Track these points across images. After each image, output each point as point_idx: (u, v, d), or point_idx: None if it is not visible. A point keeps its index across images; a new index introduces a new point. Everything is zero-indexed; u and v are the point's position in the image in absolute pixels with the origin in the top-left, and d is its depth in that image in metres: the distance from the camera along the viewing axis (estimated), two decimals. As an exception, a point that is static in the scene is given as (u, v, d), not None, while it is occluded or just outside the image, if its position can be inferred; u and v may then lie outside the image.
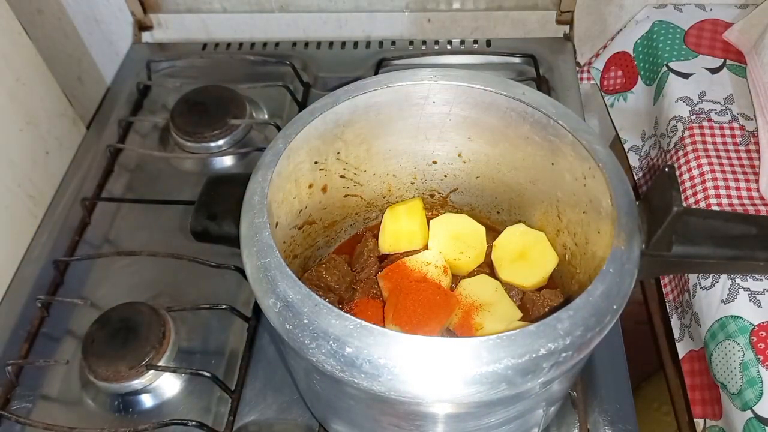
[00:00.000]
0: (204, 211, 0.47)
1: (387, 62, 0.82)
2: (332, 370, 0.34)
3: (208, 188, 0.49)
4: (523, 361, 0.33)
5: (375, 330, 0.34)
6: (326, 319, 0.34)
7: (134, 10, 0.87)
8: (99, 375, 0.55)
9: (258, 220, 0.40)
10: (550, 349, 0.33)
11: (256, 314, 0.61)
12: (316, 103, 0.47)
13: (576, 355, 0.34)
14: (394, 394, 0.33)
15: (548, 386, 0.40)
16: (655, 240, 0.38)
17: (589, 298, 0.35)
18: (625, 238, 0.38)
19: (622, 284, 0.36)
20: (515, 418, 0.42)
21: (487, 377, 0.33)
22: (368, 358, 0.33)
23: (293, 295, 0.36)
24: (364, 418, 0.45)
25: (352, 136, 0.49)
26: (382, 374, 0.33)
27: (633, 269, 0.38)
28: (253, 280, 0.38)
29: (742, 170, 0.63)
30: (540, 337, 0.34)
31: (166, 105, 0.80)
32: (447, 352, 0.33)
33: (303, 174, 0.48)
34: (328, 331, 0.34)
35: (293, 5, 0.86)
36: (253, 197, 0.41)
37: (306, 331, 0.35)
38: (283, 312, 0.36)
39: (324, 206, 0.52)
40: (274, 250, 0.38)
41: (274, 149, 0.44)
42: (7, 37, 0.71)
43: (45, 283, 0.64)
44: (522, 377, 0.33)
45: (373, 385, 0.33)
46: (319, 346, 0.34)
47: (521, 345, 0.33)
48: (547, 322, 0.34)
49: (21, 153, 0.71)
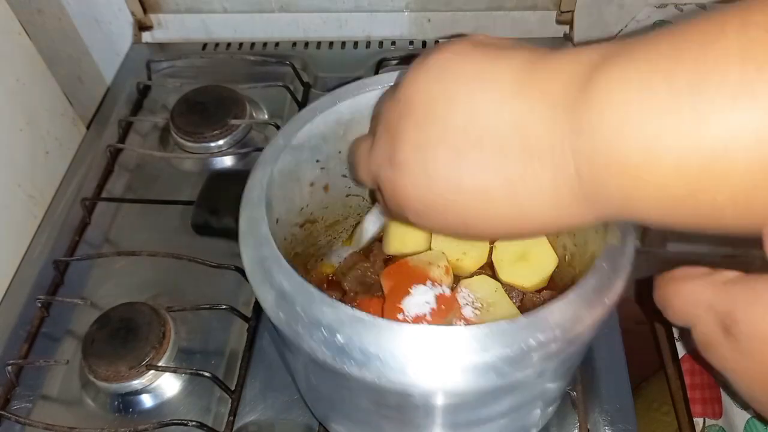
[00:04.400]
0: (206, 205, 0.47)
1: (387, 62, 0.82)
2: (324, 357, 0.34)
3: (210, 183, 0.49)
4: (512, 351, 0.33)
5: (366, 319, 0.34)
6: (319, 307, 0.35)
7: (134, 10, 0.87)
8: (99, 375, 0.55)
9: (256, 215, 0.40)
10: (540, 340, 0.33)
11: (256, 314, 0.61)
12: (317, 102, 0.47)
13: (566, 348, 0.34)
14: (385, 382, 0.34)
15: (540, 379, 0.40)
16: (650, 237, 0.38)
17: (581, 291, 0.35)
18: (619, 235, 0.38)
19: (615, 279, 0.36)
20: (509, 412, 0.42)
21: (476, 367, 0.33)
22: (359, 346, 0.34)
23: (288, 284, 0.36)
24: (360, 412, 0.45)
25: (354, 135, 0.49)
26: (372, 362, 0.34)
27: (627, 265, 0.38)
28: (249, 271, 0.39)
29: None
30: (530, 328, 0.34)
31: (166, 105, 0.80)
32: (437, 340, 0.34)
33: (304, 172, 0.48)
34: (321, 319, 0.34)
35: (293, 5, 0.86)
36: (253, 192, 0.42)
37: (299, 320, 0.35)
38: (277, 301, 0.36)
39: (325, 205, 0.52)
40: (270, 242, 0.38)
41: (275, 146, 0.44)
42: (7, 37, 0.71)
43: (45, 283, 0.64)
44: (511, 367, 0.33)
45: (363, 373, 0.34)
46: (311, 335, 0.35)
47: (511, 335, 0.33)
48: (539, 314, 0.34)
49: (21, 153, 0.71)
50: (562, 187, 0.28)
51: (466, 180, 0.30)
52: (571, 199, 0.28)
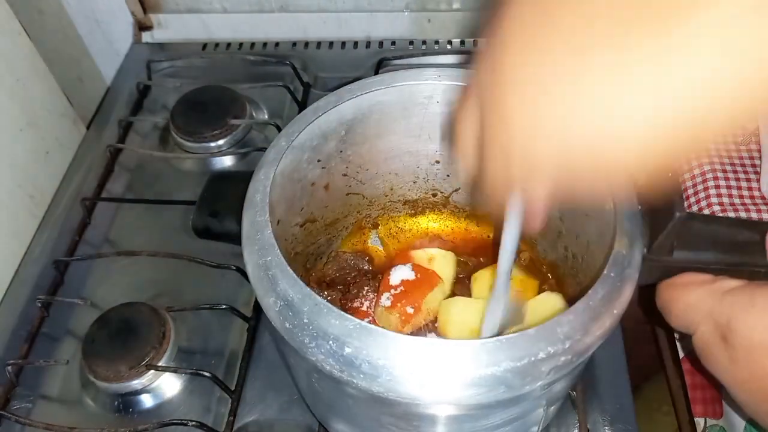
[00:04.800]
0: (206, 208, 0.47)
1: (387, 62, 0.82)
2: (331, 369, 0.34)
3: (210, 185, 0.49)
4: (522, 365, 0.33)
5: (375, 331, 0.34)
6: (326, 318, 0.34)
7: (134, 10, 0.87)
8: (99, 375, 0.55)
9: (260, 218, 0.40)
10: (549, 353, 0.33)
11: (256, 314, 0.60)
12: (319, 102, 0.46)
13: (575, 359, 0.34)
14: (393, 395, 0.33)
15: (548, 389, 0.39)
16: (657, 245, 0.38)
17: (590, 302, 0.35)
18: (626, 243, 0.38)
19: (623, 288, 0.36)
20: (515, 420, 0.42)
21: (485, 380, 0.33)
22: (367, 359, 0.33)
23: (293, 294, 0.36)
24: (364, 418, 0.45)
25: (355, 134, 0.49)
26: (381, 375, 0.33)
27: (634, 274, 0.37)
28: (253, 278, 0.38)
29: (743, 169, 0.63)
30: (540, 340, 0.33)
31: (166, 105, 0.80)
32: (446, 353, 0.33)
33: (305, 172, 0.48)
34: (328, 330, 0.34)
35: (293, 5, 0.86)
36: (255, 195, 0.41)
37: (306, 331, 0.35)
38: (283, 311, 0.36)
39: (326, 204, 0.52)
40: (275, 249, 0.38)
41: (276, 147, 0.44)
42: (7, 37, 0.71)
43: (45, 283, 0.64)
44: (521, 380, 0.33)
45: (371, 385, 0.33)
46: (318, 346, 0.34)
47: (521, 348, 0.33)
48: (547, 326, 0.34)
49: (21, 153, 0.71)
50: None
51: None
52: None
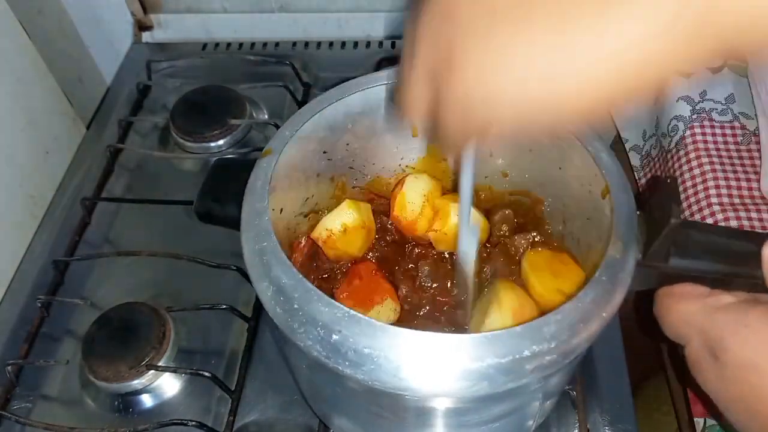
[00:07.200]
0: (209, 192, 0.47)
1: (387, 62, 0.82)
2: (318, 356, 0.34)
3: (215, 171, 0.49)
4: (506, 361, 0.33)
5: (362, 320, 0.34)
6: (316, 305, 0.35)
7: (134, 10, 0.87)
8: (99, 375, 0.55)
9: (259, 205, 0.40)
10: (534, 351, 0.33)
11: (256, 314, 0.61)
12: (325, 94, 0.46)
13: (561, 360, 0.34)
14: (377, 384, 0.34)
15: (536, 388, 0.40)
16: (652, 251, 0.38)
17: (579, 304, 0.35)
18: (621, 247, 0.38)
19: (614, 292, 0.36)
20: (509, 414, 0.42)
21: (468, 374, 0.33)
22: (353, 347, 0.34)
23: (286, 280, 0.36)
24: (356, 410, 0.45)
25: (362, 128, 0.49)
26: (365, 363, 0.34)
27: (627, 279, 0.37)
28: (249, 263, 0.39)
29: (743, 169, 0.63)
30: (525, 338, 0.34)
31: (166, 105, 0.80)
32: (431, 346, 0.33)
33: (311, 163, 0.48)
34: (317, 317, 0.35)
35: (293, 5, 0.86)
36: (256, 182, 0.42)
37: (296, 316, 0.35)
38: (275, 296, 0.36)
39: (331, 196, 0.52)
40: (271, 235, 0.38)
41: (281, 136, 0.44)
42: (7, 37, 0.71)
43: (45, 283, 0.64)
44: (504, 377, 0.33)
45: (356, 373, 0.34)
46: (307, 332, 0.35)
47: (505, 345, 0.33)
48: (534, 324, 0.34)
49: (21, 153, 0.71)
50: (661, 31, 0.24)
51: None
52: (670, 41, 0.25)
